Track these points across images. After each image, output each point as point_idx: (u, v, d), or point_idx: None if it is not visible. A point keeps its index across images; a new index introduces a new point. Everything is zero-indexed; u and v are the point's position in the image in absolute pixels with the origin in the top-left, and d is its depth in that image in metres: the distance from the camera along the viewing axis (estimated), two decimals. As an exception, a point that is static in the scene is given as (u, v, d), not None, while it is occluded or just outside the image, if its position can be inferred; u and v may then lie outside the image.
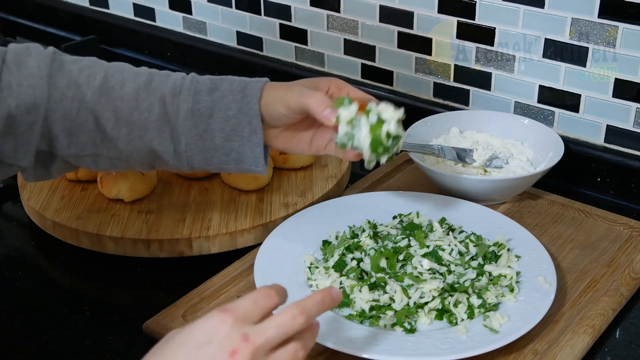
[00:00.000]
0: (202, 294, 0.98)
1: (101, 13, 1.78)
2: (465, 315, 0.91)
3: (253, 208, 1.13)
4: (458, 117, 1.28)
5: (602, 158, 1.22)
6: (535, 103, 1.27)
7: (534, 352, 0.88)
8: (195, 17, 1.63)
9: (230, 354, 0.66)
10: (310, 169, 1.23)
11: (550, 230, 1.10)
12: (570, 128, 1.25)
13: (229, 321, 0.67)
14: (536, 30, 1.22)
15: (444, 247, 0.99)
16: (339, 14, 1.42)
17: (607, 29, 1.15)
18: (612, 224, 1.11)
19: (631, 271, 1.01)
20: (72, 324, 0.98)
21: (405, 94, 1.41)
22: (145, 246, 1.07)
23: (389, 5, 1.35)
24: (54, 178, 0.99)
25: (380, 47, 1.40)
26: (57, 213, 1.12)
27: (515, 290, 0.95)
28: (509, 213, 1.13)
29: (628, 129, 1.20)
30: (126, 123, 0.93)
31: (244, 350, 0.66)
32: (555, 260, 1.02)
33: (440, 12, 1.30)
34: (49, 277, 1.09)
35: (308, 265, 1.00)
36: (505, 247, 1.01)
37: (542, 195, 1.18)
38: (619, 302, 0.97)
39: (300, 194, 1.17)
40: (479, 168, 1.18)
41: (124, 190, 1.13)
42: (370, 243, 1.00)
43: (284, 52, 1.53)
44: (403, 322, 0.90)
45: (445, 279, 0.95)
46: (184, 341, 0.67)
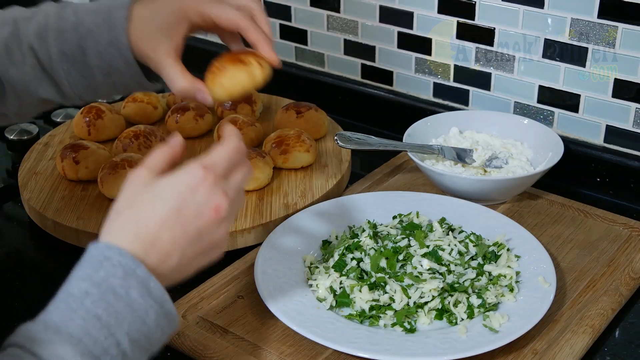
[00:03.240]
0: (202, 294, 0.98)
1: (101, 13, 1.78)
2: (465, 315, 0.91)
3: (253, 208, 1.13)
4: (458, 117, 1.28)
5: (601, 158, 1.22)
6: (535, 103, 1.27)
7: (533, 351, 0.88)
8: (195, 17, 1.63)
9: (214, 211, 0.73)
10: (310, 169, 1.23)
11: (550, 230, 1.10)
12: (570, 128, 1.25)
13: (210, 179, 0.73)
14: (536, 31, 1.22)
15: (443, 247, 0.99)
16: (339, 14, 1.42)
17: (606, 29, 1.15)
18: (612, 224, 1.11)
19: (630, 271, 1.02)
20: (73, 323, 0.98)
21: (405, 94, 1.41)
22: (146, 246, 1.07)
23: (389, 5, 1.35)
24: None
25: (380, 47, 1.40)
26: (58, 213, 1.12)
27: (515, 290, 0.95)
28: (508, 213, 1.13)
29: (627, 129, 1.20)
30: (8, 81, 0.92)
31: (225, 204, 0.73)
32: (555, 260, 1.03)
33: (440, 12, 1.31)
34: (49, 277, 1.09)
35: (308, 265, 1.01)
36: (505, 247, 1.01)
37: (542, 195, 1.18)
38: (619, 302, 0.97)
39: (300, 194, 1.17)
40: (479, 168, 1.18)
41: None
42: (370, 243, 1.00)
43: (284, 52, 1.53)
44: (403, 322, 0.91)
45: (445, 278, 0.95)
46: (165, 193, 0.72)
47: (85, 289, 0.67)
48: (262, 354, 0.89)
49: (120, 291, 0.67)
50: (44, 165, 1.24)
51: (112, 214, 0.73)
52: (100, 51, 0.90)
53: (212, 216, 0.73)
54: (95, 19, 0.90)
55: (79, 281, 0.68)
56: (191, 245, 0.73)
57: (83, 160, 1.18)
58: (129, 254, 0.69)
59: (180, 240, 0.72)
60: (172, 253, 0.72)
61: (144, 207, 0.72)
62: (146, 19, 0.89)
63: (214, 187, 0.73)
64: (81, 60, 0.90)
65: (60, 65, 0.91)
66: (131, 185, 0.74)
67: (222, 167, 0.75)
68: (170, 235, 0.71)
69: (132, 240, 0.70)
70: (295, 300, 0.93)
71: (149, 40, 0.89)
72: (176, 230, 0.71)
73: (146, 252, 0.70)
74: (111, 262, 0.68)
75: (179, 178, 0.73)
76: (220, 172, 0.75)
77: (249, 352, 0.89)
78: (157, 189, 0.73)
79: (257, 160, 1.16)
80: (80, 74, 0.91)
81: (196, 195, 0.72)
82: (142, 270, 0.69)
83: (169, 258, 0.72)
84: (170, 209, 0.71)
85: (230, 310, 0.96)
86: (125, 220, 0.72)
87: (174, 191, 0.72)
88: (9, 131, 1.41)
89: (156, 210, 0.71)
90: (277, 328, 0.92)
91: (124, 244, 0.70)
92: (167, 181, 0.73)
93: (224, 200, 0.74)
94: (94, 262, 0.69)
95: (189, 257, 0.73)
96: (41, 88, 0.92)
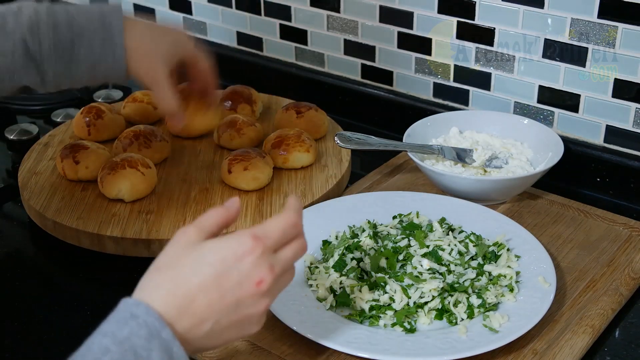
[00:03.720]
0: (202, 293, 0.98)
1: (101, 13, 1.78)
2: (465, 315, 0.91)
3: (253, 208, 1.13)
4: (458, 117, 1.28)
5: (601, 158, 1.22)
6: (535, 103, 1.27)
7: (533, 351, 0.88)
8: (195, 17, 1.63)
9: (257, 284, 0.71)
10: (310, 169, 1.23)
11: (550, 230, 1.10)
12: (570, 128, 1.25)
13: (259, 250, 0.71)
14: (536, 31, 1.22)
15: (443, 247, 0.99)
16: (339, 14, 1.42)
17: (606, 29, 1.15)
18: (612, 224, 1.11)
19: (630, 271, 1.02)
20: (72, 324, 0.98)
21: (405, 94, 1.41)
22: (146, 246, 1.07)
23: (389, 5, 1.35)
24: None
25: (380, 47, 1.40)
26: (58, 213, 1.12)
27: (514, 290, 0.95)
28: (508, 213, 1.13)
29: (627, 129, 1.20)
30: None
31: (269, 279, 0.71)
32: (555, 260, 1.03)
33: (440, 12, 1.31)
34: (49, 277, 1.09)
35: (308, 265, 1.01)
36: (505, 247, 1.01)
37: (542, 195, 1.18)
38: (619, 302, 0.97)
39: (300, 194, 1.17)
40: (479, 168, 1.18)
41: (124, 190, 1.13)
42: (370, 243, 1.00)
43: (284, 52, 1.53)
44: (403, 322, 0.91)
45: (445, 278, 0.95)
46: (209, 257, 0.70)
47: (106, 345, 0.65)
48: (262, 354, 0.89)
49: (142, 352, 0.65)
50: (44, 165, 1.24)
51: (151, 270, 0.71)
52: (92, 46, 0.96)
53: (252, 289, 0.71)
54: (89, 17, 0.97)
55: (102, 337, 0.66)
56: (226, 315, 0.70)
57: (83, 160, 1.18)
58: (156, 314, 0.67)
59: (216, 307, 0.70)
60: (205, 319, 0.70)
61: (184, 268, 0.70)
62: (146, 40, 0.99)
63: (261, 259, 0.71)
64: (70, 52, 0.96)
65: (48, 56, 0.95)
66: (177, 243, 0.72)
67: (274, 240, 0.73)
68: (206, 300, 0.69)
69: (167, 301, 0.68)
70: (295, 300, 0.93)
71: (149, 60, 0.99)
72: (214, 296, 0.69)
73: (179, 315, 0.68)
74: (137, 321, 0.66)
75: (226, 244, 0.71)
76: (271, 244, 0.72)
77: (248, 352, 0.89)
78: (201, 251, 0.71)
79: (257, 160, 1.16)
80: (66, 65, 0.96)
81: (240, 265, 0.70)
82: (167, 333, 0.67)
83: (202, 324, 0.70)
84: (211, 274, 0.69)
85: (230, 310, 0.96)
86: (163, 279, 0.70)
87: (218, 256, 0.70)
88: (9, 131, 1.41)
89: (197, 273, 0.70)
90: (277, 328, 0.92)
91: (157, 303, 0.68)
92: (213, 245, 0.71)
93: (268, 274, 0.71)
94: (120, 318, 0.67)
95: (222, 327, 0.71)
96: (25, 76, 0.96)
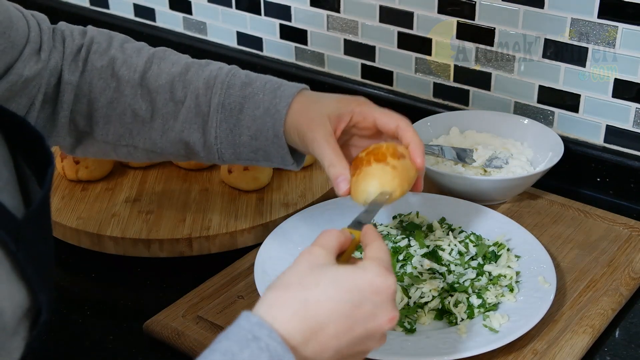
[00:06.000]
0: (202, 294, 0.98)
1: (101, 13, 1.78)
2: (465, 315, 0.91)
3: (253, 208, 1.13)
4: (458, 117, 1.28)
5: (601, 158, 1.22)
6: (535, 103, 1.27)
7: (533, 351, 0.88)
8: (196, 17, 1.63)
9: (390, 320, 0.69)
10: (310, 169, 1.23)
11: (550, 230, 1.10)
12: (570, 128, 1.25)
13: (393, 289, 0.69)
14: (536, 31, 1.22)
15: (443, 247, 0.99)
16: (339, 14, 1.42)
17: (606, 29, 1.15)
18: (612, 224, 1.11)
19: (631, 271, 1.02)
20: (72, 324, 0.98)
21: (405, 94, 1.41)
22: (146, 246, 1.07)
23: (389, 5, 1.35)
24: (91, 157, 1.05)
25: (380, 47, 1.40)
26: (57, 213, 1.12)
27: (515, 290, 0.95)
28: (508, 213, 1.13)
29: (627, 129, 1.20)
30: (160, 115, 0.94)
31: (396, 316, 0.69)
32: (555, 260, 1.03)
33: (440, 12, 1.30)
34: (49, 277, 1.09)
35: (308, 265, 1.00)
36: (505, 247, 1.01)
37: (542, 195, 1.18)
38: (619, 302, 0.97)
39: (300, 194, 1.17)
40: (479, 168, 1.18)
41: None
42: (370, 243, 1.00)
43: (284, 52, 1.53)
44: (403, 322, 0.91)
45: (445, 278, 0.95)
46: (346, 283, 0.67)
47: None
48: (262, 354, 0.89)
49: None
50: (44, 165, 1.24)
51: (278, 285, 0.67)
52: (255, 115, 0.92)
53: (384, 324, 0.68)
54: (264, 85, 0.93)
55: (221, 355, 0.62)
56: (349, 346, 0.67)
57: (83, 160, 1.18)
58: (280, 338, 0.63)
59: (342, 337, 0.66)
60: (329, 347, 0.66)
61: (317, 289, 0.66)
62: (310, 102, 0.91)
63: (394, 295, 0.69)
64: (236, 117, 0.93)
65: (215, 115, 0.93)
66: (306, 261, 0.69)
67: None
68: (335, 328, 0.66)
69: (293, 324, 0.64)
70: (295, 300, 0.93)
71: (310, 120, 0.89)
72: (344, 325, 0.66)
73: (307, 340, 0.65)
74: (258, 344, 0.62)
75: (365, 273, 0.68)
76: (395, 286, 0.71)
77: (248, 352, 0.89)
78: (337, 275, 0.67)
79: (257, 160, 1.16)
80: (230, 129, 0.93)
81: (377, 298, 0.68)
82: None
83: (324, 352, 0.66)
84: (347, 301, 0.66)
85: (230, 310, 0.96)
86: (293, 297, 0.66)
87: (355, 285, 0.67)
88: (9, 131, 1.41)
89: (331, 297, 0.66)
90: (277, 328, 0.92)
91: (281, 324, 0.64)
92: (349, 271, 0.68)
93: (397, 315, 0.69)
94: (241, 338, 0.63)
95: (339, 356, 0.67)
96: (189, 129, 0.94)
